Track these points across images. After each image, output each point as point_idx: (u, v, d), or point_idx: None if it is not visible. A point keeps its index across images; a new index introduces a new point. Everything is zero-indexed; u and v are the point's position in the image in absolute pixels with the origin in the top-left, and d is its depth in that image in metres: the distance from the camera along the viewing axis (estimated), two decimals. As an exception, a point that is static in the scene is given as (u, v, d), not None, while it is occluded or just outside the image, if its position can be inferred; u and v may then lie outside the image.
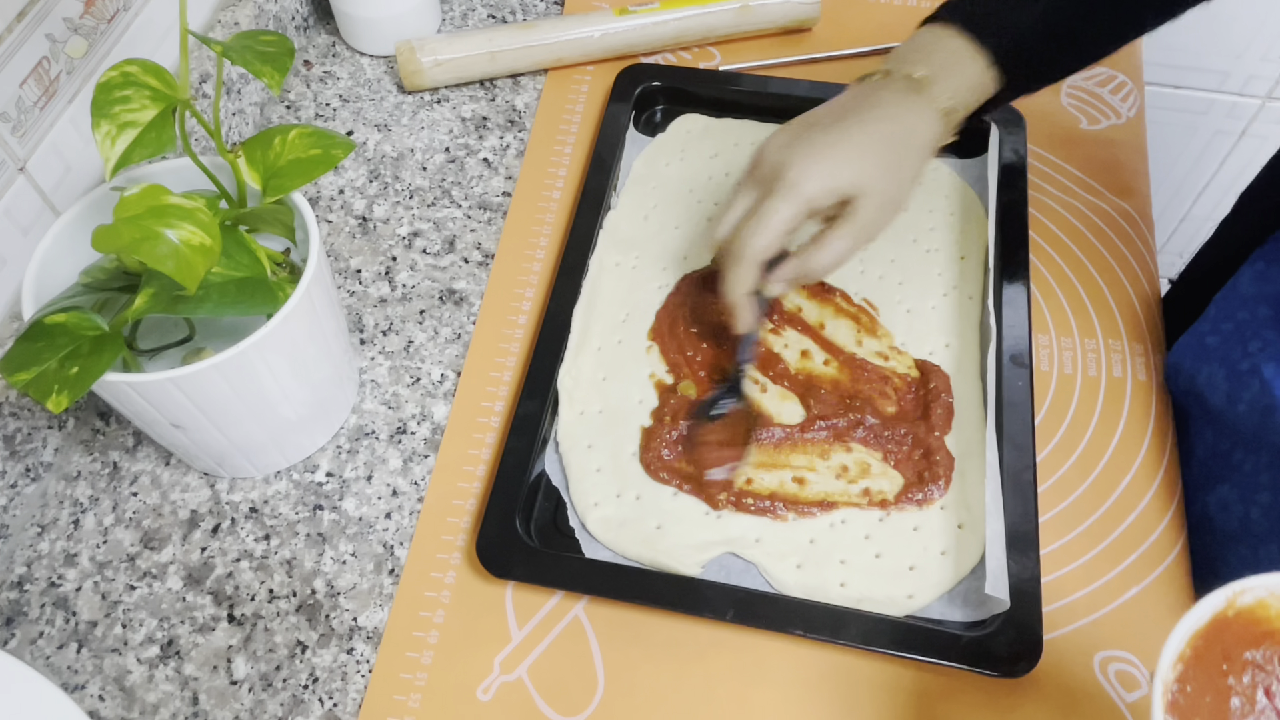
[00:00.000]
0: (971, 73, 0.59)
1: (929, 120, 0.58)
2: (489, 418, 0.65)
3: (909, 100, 0.58)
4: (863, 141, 0.57)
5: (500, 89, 0.83)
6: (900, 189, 0.58)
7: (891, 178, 0.57)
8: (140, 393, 0.52)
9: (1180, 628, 0.41)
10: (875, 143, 0.57)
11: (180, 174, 0.57)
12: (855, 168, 0.56)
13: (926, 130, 0.58)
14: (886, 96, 0.59)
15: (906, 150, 0.58)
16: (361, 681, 0.56)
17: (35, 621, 0.58)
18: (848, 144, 0.57)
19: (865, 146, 0.57)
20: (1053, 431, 0.64)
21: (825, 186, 0.56)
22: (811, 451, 0.63)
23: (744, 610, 0.55)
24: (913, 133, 0.58)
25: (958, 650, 0.54)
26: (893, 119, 0.58)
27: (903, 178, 0.58)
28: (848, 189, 0.56)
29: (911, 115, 0.58)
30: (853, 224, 0.57)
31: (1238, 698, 0.41)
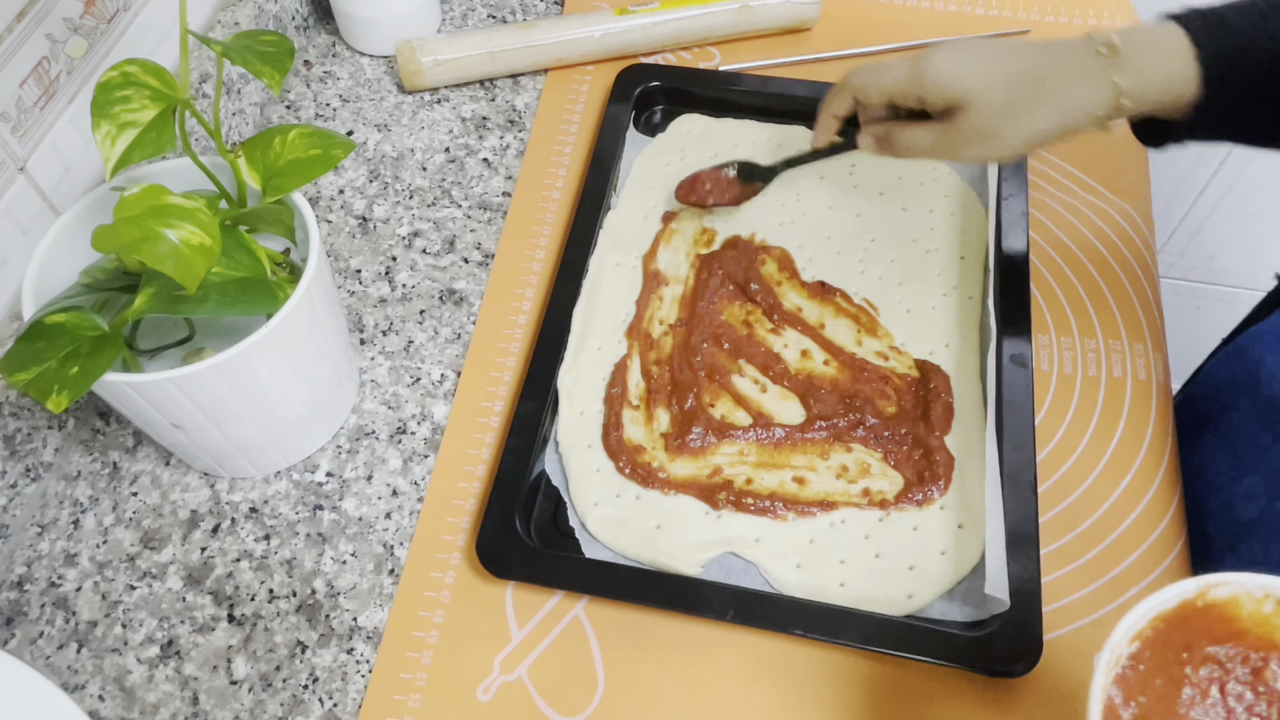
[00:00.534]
0: (1171, 65, 0.53)
1: (1095, 86, 0.54)
2: (489, 418, 0.65)
3: (1086, 60, 0.54)
4: (1006, 65, 0.55)
5: (500, 89, 0.83)
6: (1009, 128, 0.55)
7: (1006, 112, 0.55)
8: (140, 393, 0.52)
9: (1144, 604, 0.40)
10: (1017, 73, 0.54)
11: (180, 174, 0.57)
12: (978, 81, 0.54)
13: (1085, 93, 0.54)
14: (1068, 49, 0.55)
15: (1042, 95, 0.54)
16: (361, 681, 0.56)
17: (35, 621, 0.58)
18: (990, 59, 0.55)
19: (1004, 69, 0.54)
20: (1053, 431, 0.64)
21: (941, 81, 0.55)
22: (811, 451, 0.63)
23: (744, 610, 0.55)
24: (1066, 87, 0.54)
25: (958, 650, 0.54)
26: (1054, 64, 0.54)
27: (1018, 120, 0.55)
28: (959, 94, 0.55)
29: (1078, 72, 0.54)
30: (942, 126, 0.56)
31: (1191, 688, 0.41)
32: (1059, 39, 0.57)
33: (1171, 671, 0.41)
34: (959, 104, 0.55)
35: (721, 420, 0.64)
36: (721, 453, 0.63)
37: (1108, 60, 0.53)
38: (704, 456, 0.62)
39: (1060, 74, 0.54)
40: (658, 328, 0.68)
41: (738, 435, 0.63)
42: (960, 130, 0.56)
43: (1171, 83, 0.53)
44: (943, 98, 0.56)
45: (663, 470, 0.62)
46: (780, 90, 0.79)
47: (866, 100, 0.61)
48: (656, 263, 0.71)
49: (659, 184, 0.76)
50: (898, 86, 0.58)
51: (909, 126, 0.59)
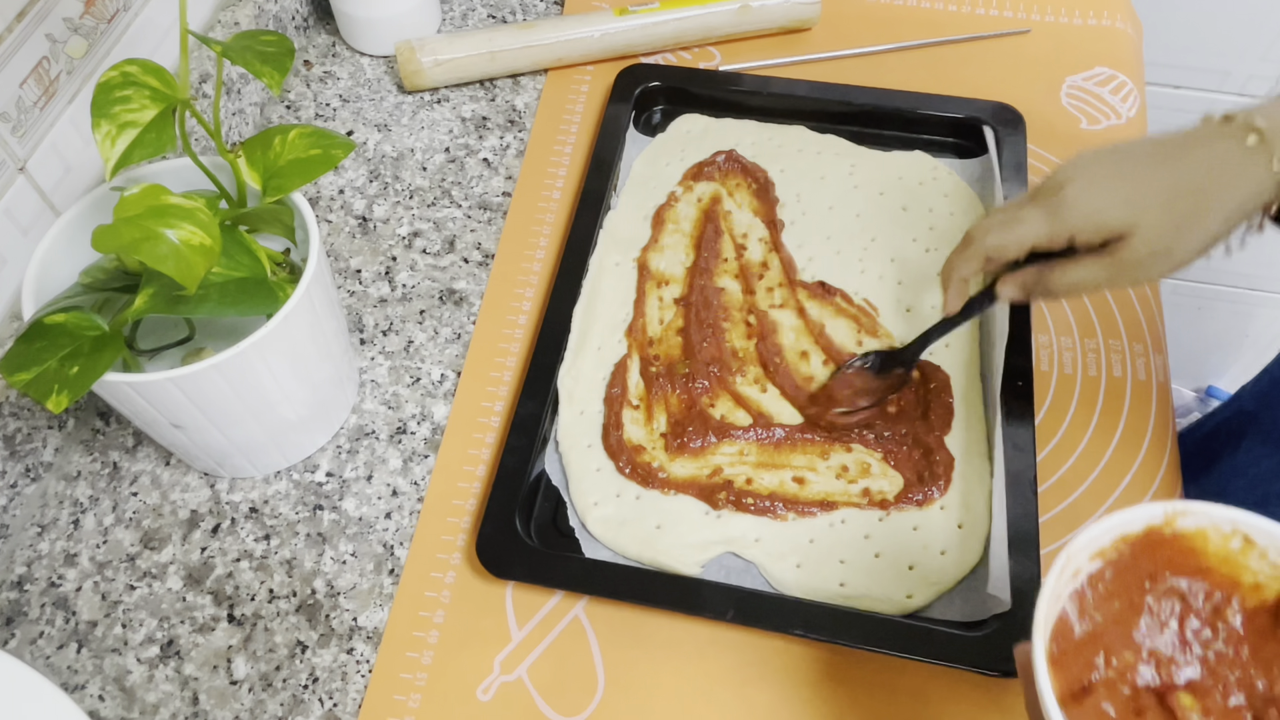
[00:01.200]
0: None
1: (1251, 177, 0.51)
2: (489, 418, 0.65)
3: (1236, 152, 0.51)
4: (1157, 181, 0.51)
5: (500, 89, 0.83)
6: (1182, 244, 0.52)
7: (1175, 228, 0.51)
8: (140, 393, 0.52)
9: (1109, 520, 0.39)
10: (1170, 186, 0.51)
11: (180, 174, 0.57)
12: (1135, 207, 0.51)
13: (1242, 186, 0.51)
14: (1212, 142, 0.52)
15: (1207, 203, 0.51)
16: (361, 681, 0.56)
17: (35, 621, 0.58)
18: (1139, 179, 0.52)
19: (1157, 187, 0.51)
20: (1053, 431, 0.64)
21: (1094, 218, 0.52)
22: (811, 451, 0.63)
23: (744, 610, 0.55)
24: (1223, 186, 0.51)
25: (958, 650, 0.54)
26: (1205, 166, 0.51)
27: (1190, 233, 0.51)
28: (1119, 227, 0.52)
29: (1230, 168, 0.51)
30: (1111, 259, 0.52)
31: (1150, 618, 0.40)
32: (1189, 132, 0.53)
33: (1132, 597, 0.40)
34: (1120, 235, 0.52)
35: (721, 420, 0.64)
36: (721, 453, 0.63)
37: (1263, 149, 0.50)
38: (704, 456, 0.62)
39: (1216, 177, 0.51)
40: (656, 326, 0.68)
41: (738, 435, 0.63)
42: (1131, 259, 0.52)
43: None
44: (1100, 235, 0.52)
45: (663, 470, 0.62)
46: (780, 90, 0.79)
47: (1004, 258, 0.57)
48: (652, 263, 0.71)
49: (659, 184, 0.76)
50: (1042, 238, 0.54)
51: (1064, 266, 0.55)
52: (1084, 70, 0.83)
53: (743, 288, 0.70)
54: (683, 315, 0.68)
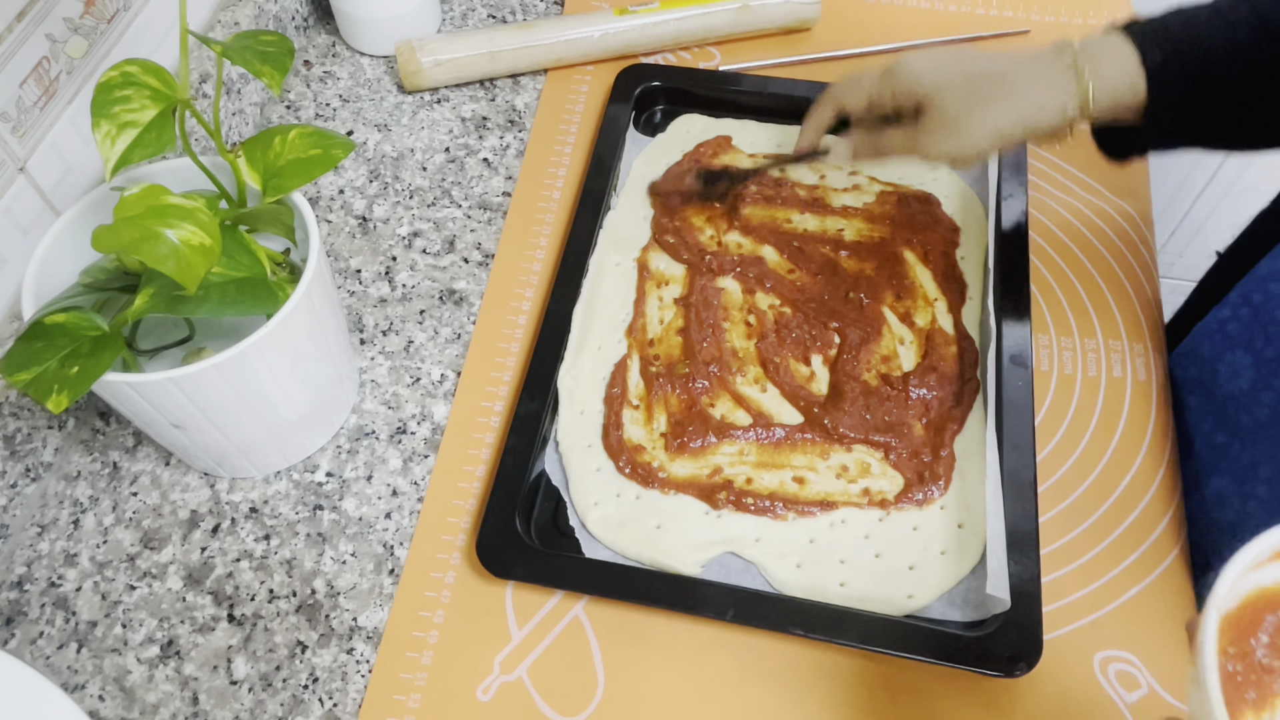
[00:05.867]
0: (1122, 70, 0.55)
1: (1054, 87, 0.56)
2: (489, 418, 0.65)
3: (1047, 63, 0.56)
4: (969, 64, 0.58)
5: (500, 89, 0.83)
6: (972, 125, 0.57)
7: (967, 105, 0.57)
8: (140, 393, 0.52)
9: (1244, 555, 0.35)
10: (978, 72, 0.57)
11: (180, 174, 0.57)
12: (942, 78, 0.57)
13: (1046, 92, 0.56)
14: (1030, 54, 0.57)
15: (1008, 94, 0.56)
16: (361, 681, 0.56)
17: (35, 621, 0.58)
18: (954, 60, 0.58)
19: (967, 68, 0.58)
20: (1053, 431, 0.64)
21: (908, 74, 0.59)
22: (811, 451, 0.63)
23: (744, 610, 0.55)
24: (1026, 85, 0.56)
25: (958, 650, 0.54)
26: (1015, 64, 0.57)
27: (982, 117, 0.57)
28: (923, 90, 0.58)
29: (1038, 72, 0.56)
30: (910, 127, 0.59)
31: None
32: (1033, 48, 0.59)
33: None
34: (925, 100, 0.58)
35: (721, 420, 0.64)
36: (721, 453, 0.63)
37: (1069, 65, 0.56)
38: (704, 456, 0.62)
39: (1021, 73, 0.57)
40: (657, 326, 0.68)
41: (738, 435, 0.63)
42: (925, 125, 0.58)
43: (1122, 88, 0.55)
44: (910, 95, 0.59)
45: (663, 470, 0.62)
46: (780, 90, 0.79)
47: (848, 108, 0.64)
48: (652, 263, 0.71)
49: (659, 184, 0.76)
50: (874, 88, 0.61)
51: (882, 130, 0.62)
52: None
53: (743, 288, 0.70)
54: (683, 315, 0.68)
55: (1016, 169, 0.73)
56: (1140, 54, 0.54)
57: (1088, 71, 0.55)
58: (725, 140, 0.77)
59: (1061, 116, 0.56)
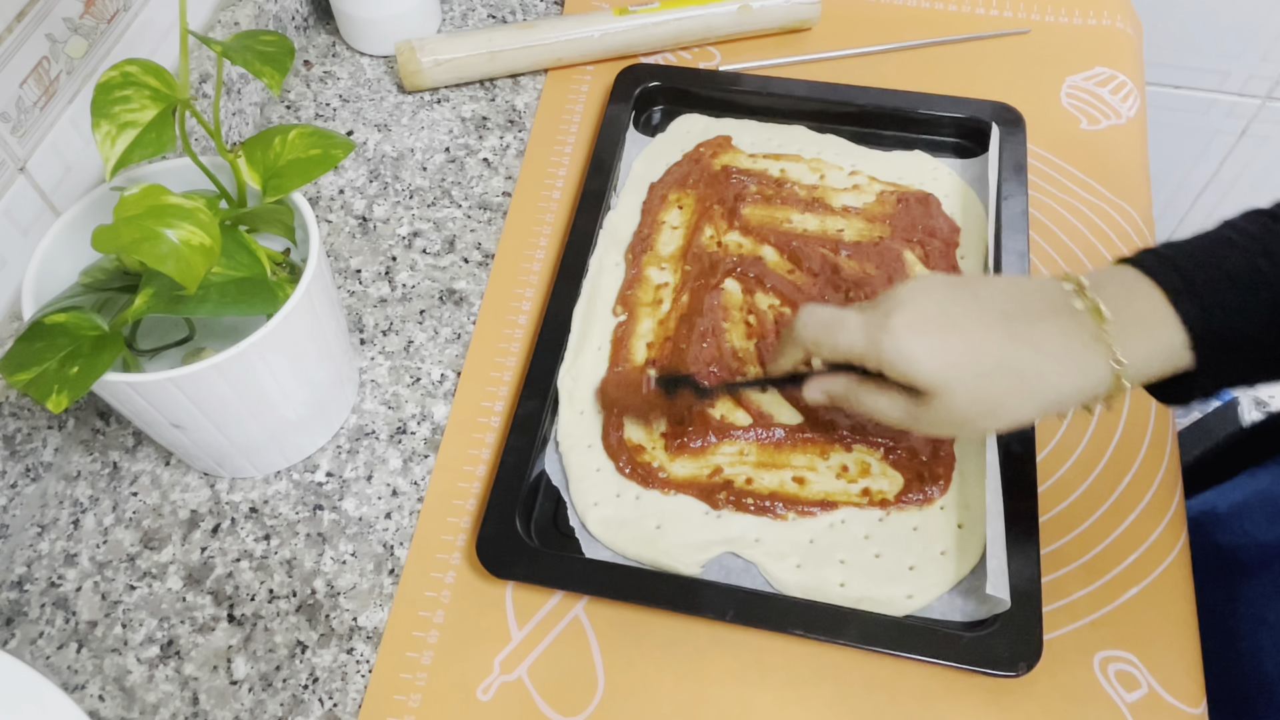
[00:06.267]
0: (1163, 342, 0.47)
1: (1091, 376, 0.47)
2: (489, 418, 0.65)
3: (1079, 333, 0.47)
4: (982, 349, 0.47)
5: (500, 89, 0.83)
6: (985, 422, 0.48)
7: (983, 406, 0.48)
8: (140, 393, 0.52)
9: None
10: (992, 364, 0.47)
11: (180, 174, 0.57)
12: (949, 372, 0.47)
13: (1073, 378, 0.47)
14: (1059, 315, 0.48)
15: (1027, 393, 0.47)
16: (361, 681, 0.56)
17: (35, 621, 0.58)
18: (964, 340, 0.47)
19: (977, 360, 0.47)
20: (1053, 432, 0.64)
21: (905, 364, 0.48)
22: (811, 451, 0.63)
23: (744, 610, 0.55)
24: (1051, 379, 0.47)
25: (958, 650, 0.54)
26: (1036, 349, 0.47)
27: (998, 415, 0.48)
28: (925, 384, 0.48)
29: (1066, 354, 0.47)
30: (910, 404, 0.50)
31: None
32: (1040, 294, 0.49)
33: None
34: (926, 391, 0.48)
35: (721, 420, 0.64)
36: (721, 453, 0.63)
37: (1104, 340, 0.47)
38: (704, 456, 0.62)
39: (1045, 362, 0.47)
40: (657, 327, 0.68)
41: (738, 435, 0.63)
42: (930, 416, 0.49)
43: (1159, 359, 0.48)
44: (907, 382, 0.49)
45: (663, 470, 0.62)
46: (780, 90, 0.79)
47: (819, 356, 0.54)
48: (645, 268, 0.71)
49: (659, 184, 0.76)
50: (855, 354, 0.50)
51: (871, 389, 0.52)
52: (1084, 70, 0.83)
53: (743, 288, 0.70)
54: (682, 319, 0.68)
55: (1016, 169, 0.73)
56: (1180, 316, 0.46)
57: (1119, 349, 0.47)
58: (725, 140, 0.77)
59: (1090, 400, 0.49)
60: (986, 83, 0.81)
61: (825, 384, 0.54)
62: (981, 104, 0.77)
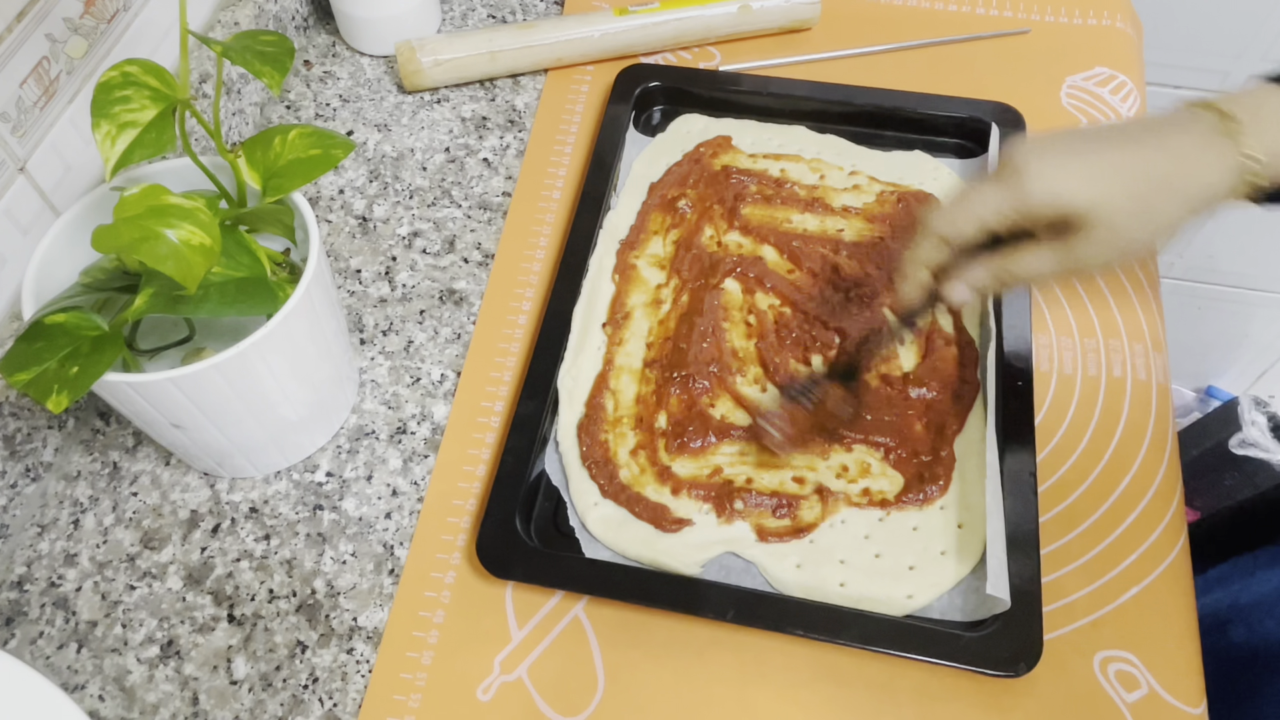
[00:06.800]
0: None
1: (1220, 167, 0.48)
2: (489, 418, 0.65)
3: (1206, 139, 0.49)
4: (1124, 165, 0.48)
5: (500, 89, 0.83)
6: (1145, 233, 0.49)
7: (1139, 217, 0.48)
8: (140, 393, 0.52)
9: None
10: (1138, 172, 0.48)
11: (180, 174, 0.57)
12: (1099, 189, 0.48)
13: (1211, 177, 0.48)
14: (1182, 127, 0.49)
15: (1174, 193, 0.48)
16: (361, 681, 0.56)
17: (35, 621, 0.58)
18: (1105, 160, 0.48)
19: (1124, 171, 0.48)
20: (1053, 431, 0.64)
21: (1054, 193, 0.48)
22: (811, 451, 0.63)
23: (744, 610, 0.55)
24: (1192, 176, 0.48)
25: (958, 650, 0.54)
26: (1174, 152, 0.49)
27: (1154, 222, 0.49)
28: (1079, 208, 0.48)
29: (1201, 156, 0.48)
30: (1069, 247, 0.49)
31: None
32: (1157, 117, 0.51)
33: None
34: (1080, 217, 0.49)
35: (721, 420, 0.64)
36: (721, 453, 0.63)
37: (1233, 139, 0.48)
38: (704, 456, 0.62)
39: (1182, 163, 0.49)
40: (657, 327, 0.68)
41: (738, 435, 0.63)
42: (1090, 247, 0.49)
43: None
44: (1061, 214, 0.49)
45: (639, 483, 0.62)
46: (780, 90, 0.79)
47: (959, 238, 0.52)
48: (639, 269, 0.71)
49: (659, 184, 0.76)
50: (999, 213, 0.50)
51: (1020, 255, 0.51)
52: (1084, 70, 0.83)
53: (742, 288, 0.70)
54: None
55: (1016, 169, 0.73)
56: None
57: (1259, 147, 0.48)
58: (725, 140, 0.77)
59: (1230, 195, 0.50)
60: (986, 83, 0.81)
61: (966, 277, 0.53)
62: (981, 104, 0.77)
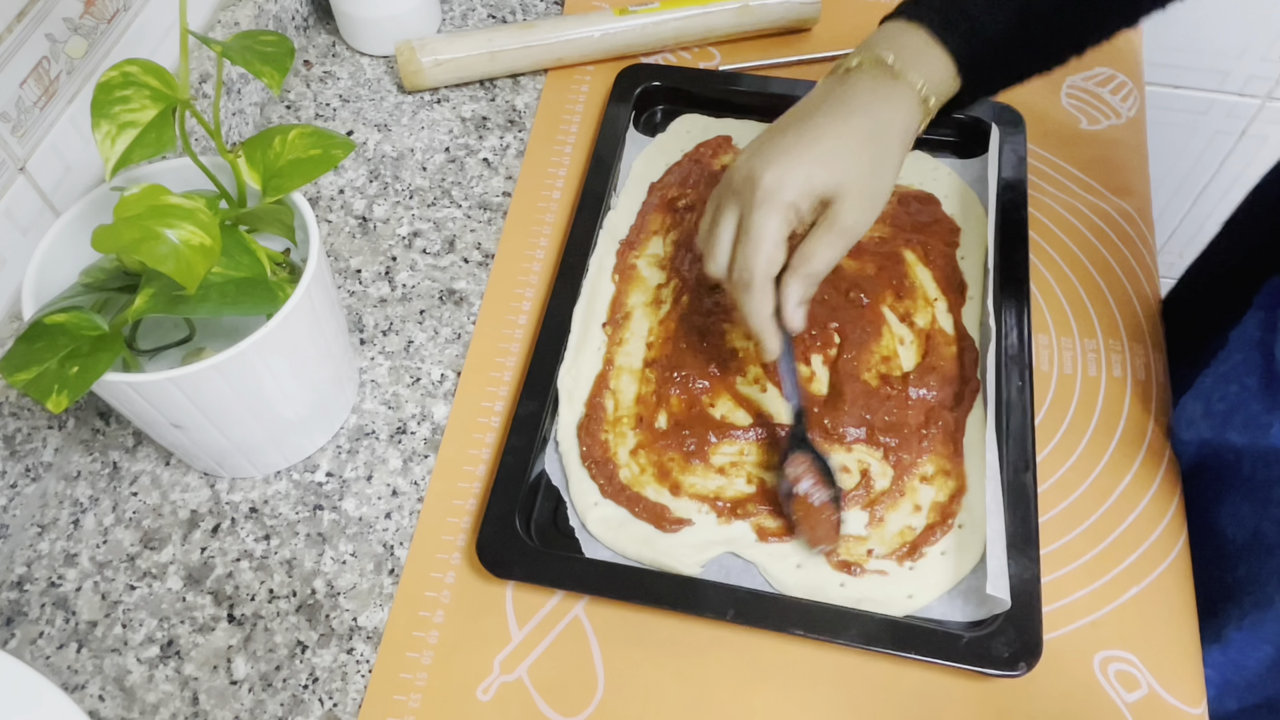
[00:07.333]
0: (938, 66, 0.56)
1: (906, 108, 0.55)
2: (489, 418, 0.65)
3: (883, 88, 0.55)
4: (836, 138, 0.54)
5: (500, 89, 0.83)
6: (881, 184, 0.55)
7: (870, 174, 0.54)
8: (140, 393, 0.52)
9: None
10: (850, 138, 0.54)
11: (180, 174, 0.57)
12: (831, 167, 0.53)
13: (903, 119, 0.55)
14: (860, 87, 0.55)
15: (884, 143, 0.55)
16: (361, 681, 0.56)
17: (35, 621, 0.58)
18: (820, 143, 0.54)
19: (839, 143, 0.54)
20: (1053, 431, 0.64)
21: (803, 190, 0.53)
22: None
23: (744, 610, 0.55)
24: (890, 124, 0.55)
25: (958, 650, 0.54)
26: (867, 111, 0.55)
27: (883, 172, 0.55)
28: (825, 190, 0.53)
29: (887, 105, 0.55)
30: (836, 226, 0.54)
31: None
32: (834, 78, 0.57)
33: None
34: (829, 196, 0.53)
35: (721, 420, 0.64)
36: (721, 453, 0.63)
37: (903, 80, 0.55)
38: (709, 463, 0.62)
39: (884, 116, 0.55)
40: (657, 327, 0.68)
41: (738, 435, 0.63)
42: (850, 216, 0.54)
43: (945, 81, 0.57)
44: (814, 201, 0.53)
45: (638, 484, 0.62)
46: (780, 90, 0.79)
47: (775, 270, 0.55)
48: (639, 269, 0.71)
49: (659, 184, 0.76)
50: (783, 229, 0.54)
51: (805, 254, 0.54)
52: (1084, 70, 0.83)
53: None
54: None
55: (1016, 168, 0.73)
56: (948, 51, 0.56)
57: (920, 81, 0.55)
58: (725, 140, 0.77)
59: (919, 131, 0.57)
60: (986, 83, 0.81)
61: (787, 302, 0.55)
62: (981, 103, 0.77)
